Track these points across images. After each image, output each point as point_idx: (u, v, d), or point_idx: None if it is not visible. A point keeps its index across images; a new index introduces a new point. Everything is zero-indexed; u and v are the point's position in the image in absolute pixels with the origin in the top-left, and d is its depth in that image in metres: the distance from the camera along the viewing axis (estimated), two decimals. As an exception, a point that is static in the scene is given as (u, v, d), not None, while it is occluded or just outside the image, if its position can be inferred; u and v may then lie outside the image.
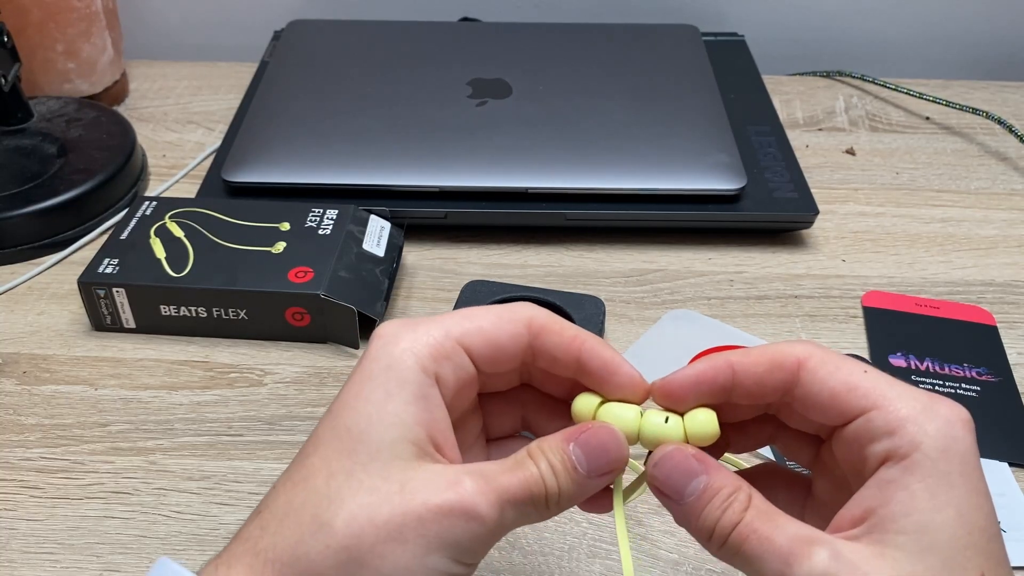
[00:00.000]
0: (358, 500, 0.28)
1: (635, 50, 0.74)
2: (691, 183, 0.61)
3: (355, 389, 0.30)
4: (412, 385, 0.30)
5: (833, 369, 0.30)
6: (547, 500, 0.30)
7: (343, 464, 0.29)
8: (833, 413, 0.30)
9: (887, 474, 0.28)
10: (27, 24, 0.71)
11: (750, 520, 0.29)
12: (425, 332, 0.31)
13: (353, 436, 0.29)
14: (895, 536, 0.27)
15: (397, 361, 0.30)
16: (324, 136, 0.64)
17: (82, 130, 0.68)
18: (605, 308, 0.54)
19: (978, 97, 0.79)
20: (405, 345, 0.30)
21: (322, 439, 0.30)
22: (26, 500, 0.46)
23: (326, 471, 0.29)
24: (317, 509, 0.28)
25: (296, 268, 0.54)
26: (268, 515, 0.29)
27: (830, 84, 0.81)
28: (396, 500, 0.28)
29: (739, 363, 0.31)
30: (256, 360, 0.54)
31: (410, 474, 0.28)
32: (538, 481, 0.29)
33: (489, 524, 0.28)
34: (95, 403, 0.51)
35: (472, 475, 0.29)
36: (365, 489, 0.28)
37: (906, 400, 0.29)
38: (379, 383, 0.30)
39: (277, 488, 0.30)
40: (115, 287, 0.54)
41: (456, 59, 0.72)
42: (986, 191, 0.68)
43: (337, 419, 0.30)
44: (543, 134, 0.64)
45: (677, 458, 0.30)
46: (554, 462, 0.30)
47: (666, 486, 0.30)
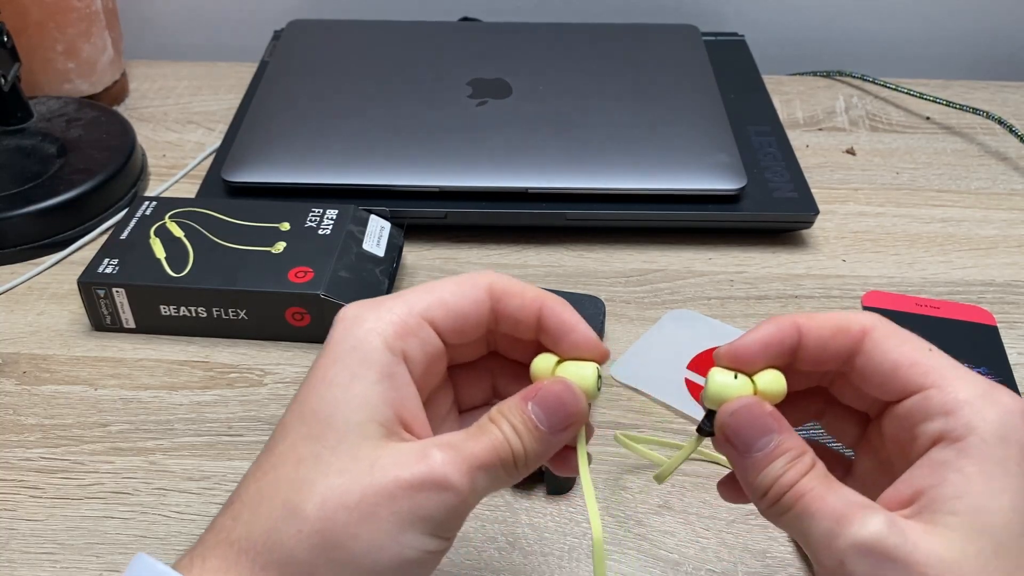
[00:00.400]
0: (328, 483, 0.28)
1: (635, 50, 0.74)
2: (691, 183, 0.61)
3: (320, 373, 0.30)
4: (378, 365, 0.29)
5: (899, 342, 0.30)
6: (515, 462, 0.30)
7: (311, 448, 0.29)
8: (892, 387, 0.30)
9: (940, 455, 0.28)
10: (27, 24, 0.71)
11: (808, 481, 0.28)
12: (388, 310, 0.31)
13: (320, 420, 0.29)
14: (947, 517, 0.27)
15: (362, 342, 0.30)
16: (324, 136, 0.64)
17: (82, 130, 0.68)
18: (605, 308, 0.54)
19: (978, 97, 0.79)
20: (369, 325, 0.30)
21: (289, 426, 0.30)
22: (26, 500, 0.46)
23: (295, 457, 0.29)
24: (288, 495, 0.28)
25: (296, 268, 0.54)
26: (239, 505, 0.29)
27: (830, 84, 0.81)
28: (366, 480, 0.28)
29: (805, 324, 0.31)
30: (256, 360, 0.54)
31: (379, 453, 0.28)
32: (503, 444, 0.29)
33: (462, 493, 0.28)
34: (95, 403, 0.51)
35: (440, 446, 0.29)
36: (334, 471, 0.28)
37: (967, 383, 0.29)
38: (344, 365, 0.30)
39: (247, 478, 0.30)
40: (115, 287, 0.54)
41: (456, 59, 0.72)
42: (986, 191, 0.68)
43: (304, 404, 0.30)
44: (543, 134, 0.64)
45: (756, 412, 0.30)
46: (515, 423, 0.30)
47: (737, 437, 0.30)
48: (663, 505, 0.46)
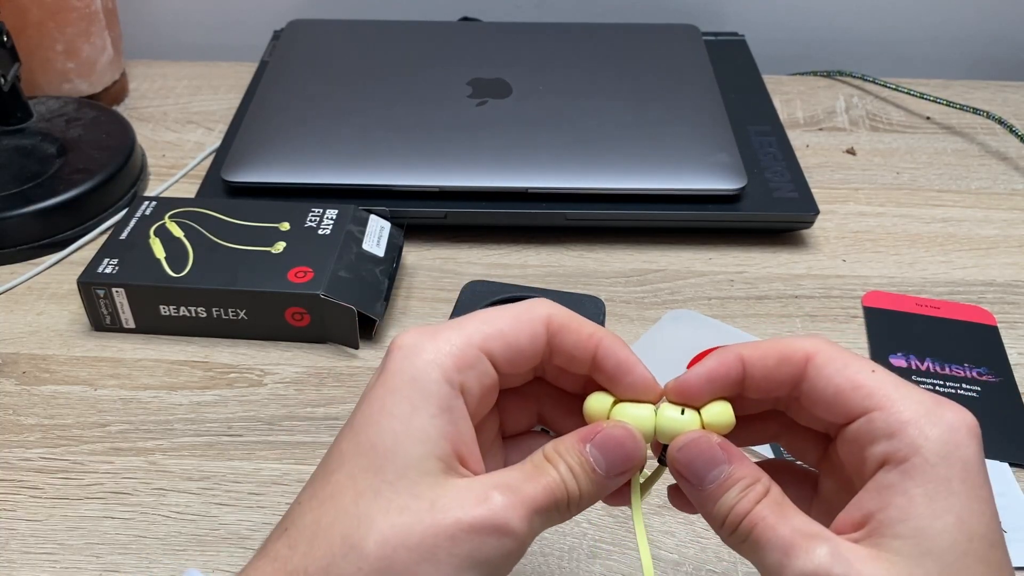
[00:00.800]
0: (389, 520, 0.27)
1: (635, 50, 0.74)
2: (691, 183, 0.61)
3: (378, 403, 0.29)
4: (437, 398, 0.29)
5: (841, 366, 0.30)
6: (568, 503, 0.29)
7: (370, 482, 0.28)
8: (836, 411, 0.30)
9: (885, 478, 0.28)
10: (27, 24, 0.71)
11: (760, 509, 0.29)
12: (447, 341, 0.30)
13: (379, 453, 0.28)
14: (892, 541, 0.27)
15: (421, 373, 0.29)
16: (324, 136, 0.64)
17: (81, 130, 0.68)
18: (605, 308, 0.54)
19: (979, 97, 0.79)
20: (428, 356, 0.30)
21: (346, 455, 0.29)
22: (25, 500, 0.46)
23: (353, 489, 0.28)
24: (347, 530, 0.28)
25: (296, 268, 0.54)
26: (296, 533, 0.29)
27: (830, 84, 0.81)
28: (427, 520, 0.27)
29: (749, 356, 0.31)
30: (256, 360, 0.54)
31: (439, 491, 0.28)
32: (559, 485, 0.29)
33: (520, 537, 0.28)
34: (94, 403, 0.51)
35: (500, 489, 0.28)
36: (395, 508, 0.28)
37: (910, 403, 0.28)
38: (403, 396, 0.29)
39: (302, 504, 0.29)
40: (115, 287, 0.54)
41: (456, 59, 0.72)
42: (987, 191, 0.68)
43: (361, 434, 0.29)
44: (543, 134, 0.64)
45: (702, 445, 0.30)
46: (572, 464, 0.30)
47: (688, 471, 0.30)
48: (663, 505, 0.46)
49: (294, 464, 0.48)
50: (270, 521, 0.45)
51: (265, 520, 0.45)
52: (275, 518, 0.45)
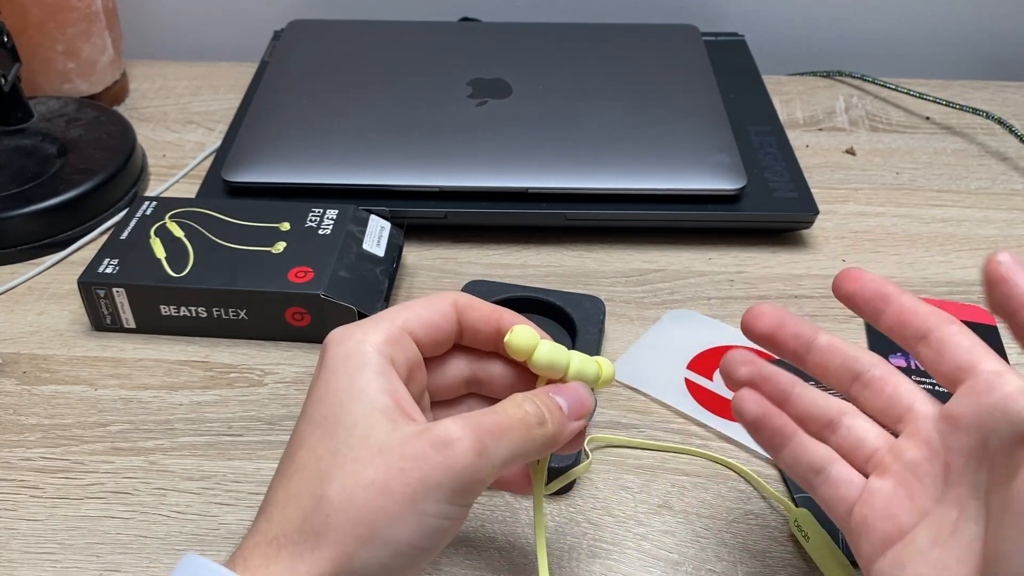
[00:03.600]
0: (346, 470, 0.30)
1: (635, 50, 0.74)
2: (691, 183, 0.61)
3: (322, 384, 0.33)
4: (371, 365, 0.33)
5: None
6: (533, 429, 0.33)
7: (327, 446, 0.31)
8: None
9: None
10: (27, 24, 0.71)
11: None
12: (372, 324, 0.34)
13: (330, 422, 0.32)
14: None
15: (354, 351, 0.33)
16: (324, 136, 0.64)
17: (82, 130, 0.68)
18: (605, 308, 0.54)
19: (978, 97, 0.79)
20: (359, 337, 0.33)
21: (304, 433, 0.32)
22: (26, 500, 0.46)
23: (314, 458, 0.31)
24: (312, 488, 0.31)
25: (296, 268, 0.54)
26: (271, 508, 0.31)
27: (830, 84, 0.81)
28: (378, 460, 0.30)
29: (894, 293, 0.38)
30: (256, 360, 0.54)
31: (388, 435, 0.31)
32: (523, 415, 0.33)
33: (468, 455, 0.31)
34: (95, 403, 0.51)
35: (451, 418, 0.32)
36: (350, 460, 0.31)
37: None
38: (342, 372, 0.33)
39: (273, 485, 0.32)
40: (115, 287, 0.54)
41: (456, 59, 0.72)
42: (986, 191, 0.68)
43: (314, 412, 0.32)
44: (543, 134, 0.64)
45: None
46: (539, 403, 0.34)
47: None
48: (663, 505, 0.46)
49: (294, 464, 0.48)
50: (270, 521, 0.45)
51: (265, 520, 0.45)
52: (275, 518, 0.45)
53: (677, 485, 0.47)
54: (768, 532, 0.45)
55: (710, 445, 0.49)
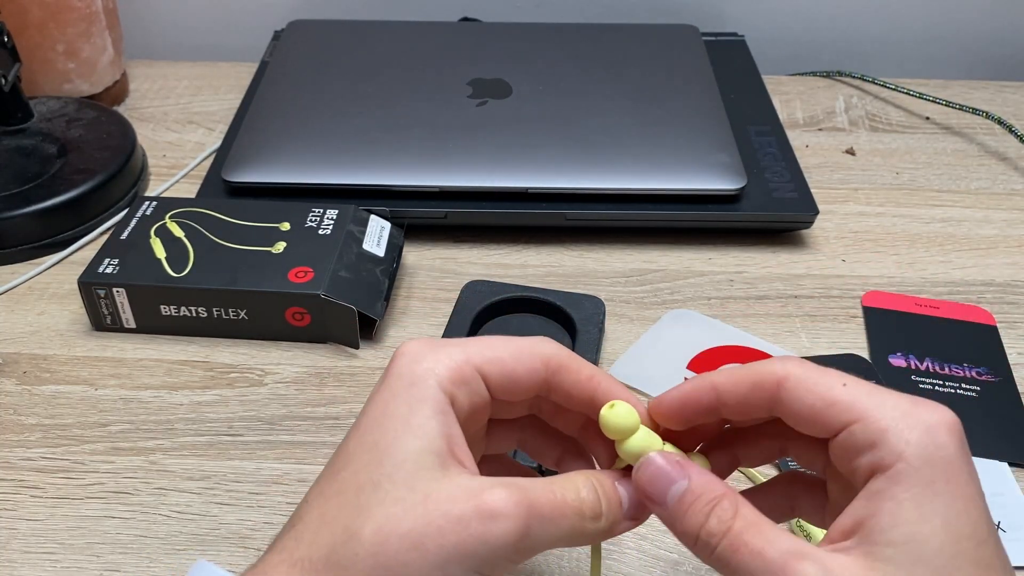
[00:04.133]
0: (385, 511, 0.29)
1: (635, 50, 0.74)
2: (691, 183, 0.61)
3: (381, 406, 0.31)
4: (432, 401, 0.31)
5: (811, 386, 0.30)
6: (586, 522, 0.30)
7: (371, 476, 0.30)
8: (817, 428, 0.30)
9: (874, 485, 0.28)
10: (27, 24, 0.71)
11: (739, 531, 0.29)
12: (447, 355, 0.32)
13: (380, 449, 0.30)
14: (883, 548, 0.27)
15: (419, 379, 0.31)
16: (324, 136, 0.64)
17: (82, 130, 0.68)
18: (605, 308, 0.54)
19: (978, 97, 0.79)
20: (427, 365, 0.32)
21: (352, 454, 0.31)
22: (26, 500, 0.46)
23: (356, 484, 0.30)
24: (348, 520, 0.29)
25: (296, 268, 0.54)
26: (302, 527, 0.30)
27: (830, 84, 0.81)
28: (419, 510, 0.29)
29: (722, 384, 0.32)
30: (256, 360, 0.54)
31: (434, 485, 0.29)
32: (579, 504, 0.30)
33: (510, 533, 0.29)
34: (95, 403, 0.51)
35: (504, 484, 0.29)
36: (391, 499, 0.29)
37: (886, 409, 0.29)
38: (402, 399, 0.31)
39: (310, 502, 0.31)
40: (115, 287, 0.54)
41: (456, 59, 0.72)
42: (986, 191, 0.68)
43: (365, 434, 0.31)
44: (543, 134, 0.64)
45: (658, 464, 0.31)
46: (601, 492, 0.31)
47: (648, 491, 0.31)
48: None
49: (295, 464, 0.48)
50: (271, 520, 0.45)
51: (266, 519, 0.45)
52: (276, 517, 0.45)
53: (677, 485, 0.47)
54: (768, 532, 0.45)
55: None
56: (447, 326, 0.53)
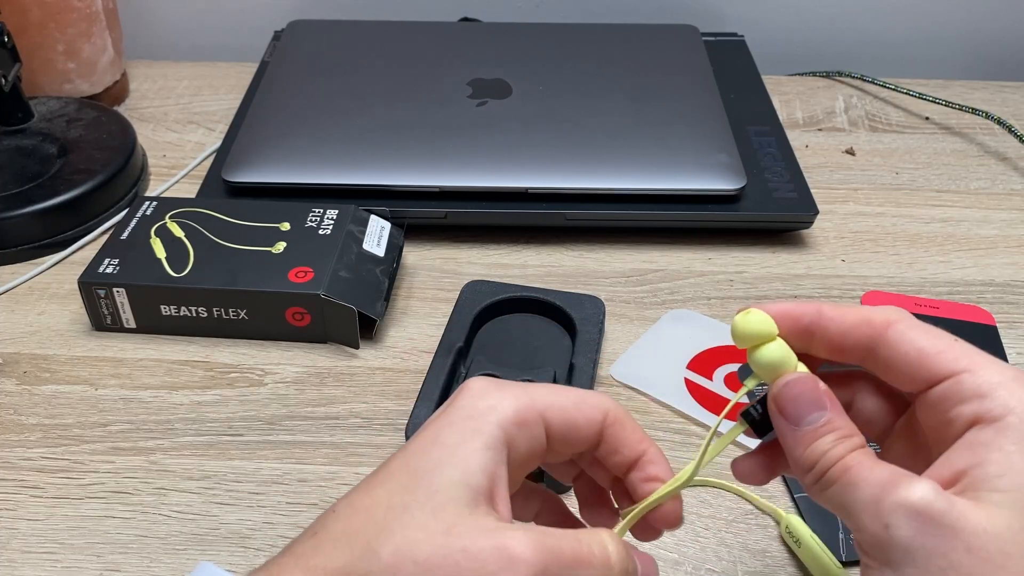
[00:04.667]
0: (406, 534, 0.29)
1: (635, 50, 0.74)
2: (691, 183, 0.61)
3: (433, 432, 0.31)
4: (486, 436, 0.31)
5: (924, 332, 0.31)
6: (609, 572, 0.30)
7: (402, 498, 0.30)
8: (919, 373, 0.30)
9: (979, 436, 0.28)
10: (27, 24, 0.71)
11: (855, 456, 0.29)
12: (513, 395, 0.32)
13: (419, 474, 0.30)
14: (991, 494, 0.27)
15: (479, 414, 0.31)
16: (324, 136, 0.64)
17: (82, 130, 0.68)
18: (605, 308, 0.54)
19: (978, 97, 0.79)
20: (491, 402, 0.31)
21: (391, 473, 0.31)
22: (26, 500, 0.46)
23: (387, 503, 0.30)
24: (370, 537, 0.29)
25: (296, 268, 0.54)
26: (324, 536, 0.30)
27: (830, 84, 0.81)
28: (439, 540, 0.28)
29: (828, 311, 0.32)
30: (256, 360, 0.54)
31: (460, 519, 0.29)
32: (605, 558, 0.30)
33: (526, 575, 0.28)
34: (95, 403, 0.51)
35: (526, 528, 0.29)
36: (415, 525, 0.29)
37: (997, 368, 0.30)
38: (457, 429, 0.31)
39: (338, 512, 0.31)
40: (115, 287, 0.54)
41: (456, 59, 0.72)
42: (986, 191, 0.68)
43: (410, 457, 0.31)
44: (543, 134, 0.64)
45: (809, 384, 0.31)
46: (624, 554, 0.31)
47: (789, 408, 0.31)
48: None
49: (295, 464, 0.48)
50: (271, 521, 0.45)
51: (266, 520, 0.45)
52: (276, 517, 0.45)
53: (677, 485, 0.47)
54: (767, 532, 0.45)
55: (710, 445, 0.49)
56: (447, 326, 0.53)
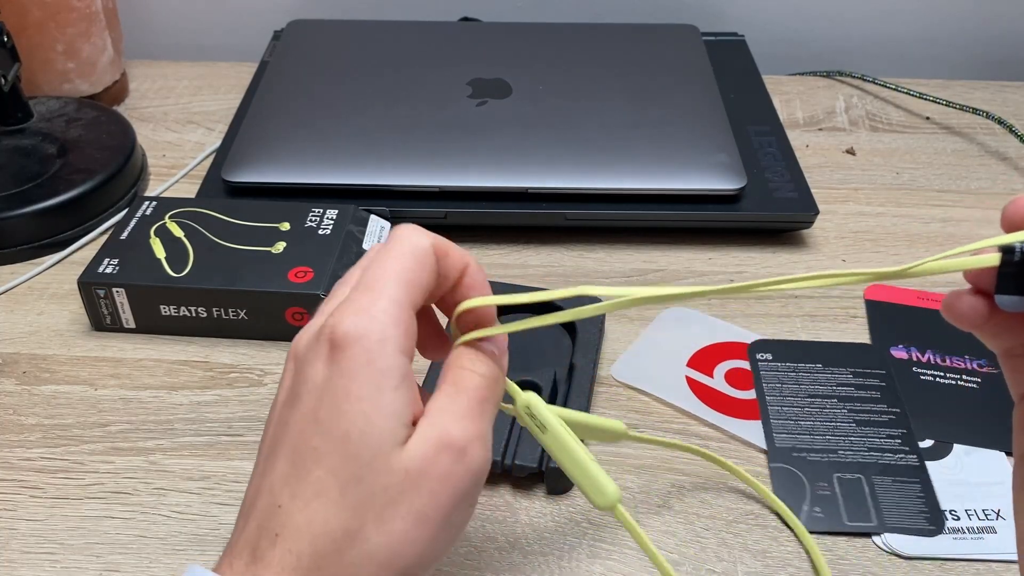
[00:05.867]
0: (377, 503, 0.29)
1: (635, 50, 0.74)
2: (691, 183, 0.61)
3: (341, 392, 0.30)
4: (395, 370, 0.30)
5: None
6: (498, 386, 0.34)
7: (352, 470, 0.29)
8: None
9: None
10: (27, 24, 0.71)
11: None
12: (386, 313, 0.31)
13: (353, 440, 0.29)
14: None
15: (376, 354, 0.30)
16: (324, 136, 0.64)
17: (82, 130, 0.68)
18: (605, 308, 0.54)
19: (978, 97, 0.79)
20: (378, 335, 0.30)
21: (322, 451, 0.30)
22: (26, 500, 0.46)
23: (337, 483, 0.29)
24: (344, 523, 0.29)
25: (296, 268, 0.54)
26: (292, 537, 0.30)
27: (830, 84, 0.81)
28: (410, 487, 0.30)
29: None
30: (256, 360, 0.54)
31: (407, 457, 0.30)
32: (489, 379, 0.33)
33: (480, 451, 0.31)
34: (95, 403, 0.51)
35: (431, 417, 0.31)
36: (380, 489, 0.29)
37: None
38: (365, 380, 0.30)
39: (285, 507, 0.30)
40: (115, 287, 0.54)
41: (456, 59, 0.72)
42: (987, 191, 0.68)
43: (332, 427, 0.30)
44: (543, 134, 0.64)
45: None
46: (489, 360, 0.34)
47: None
48: (663, 505, 0.46)
49: (294, 464, 0.48)
50: (270, 521, 0.45)
51: (265, 520, 0.45)
52: (275, 518, 0.45)
53: (677, 485, 0.47)
54: (768, 532, 0.45)
55: (710, 445, 0.49)
56: (447, 325, 0.53)
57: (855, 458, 0.47)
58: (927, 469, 0.47)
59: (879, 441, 0.48)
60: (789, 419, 0.50)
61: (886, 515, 0.45)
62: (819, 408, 0.50)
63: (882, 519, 0.45)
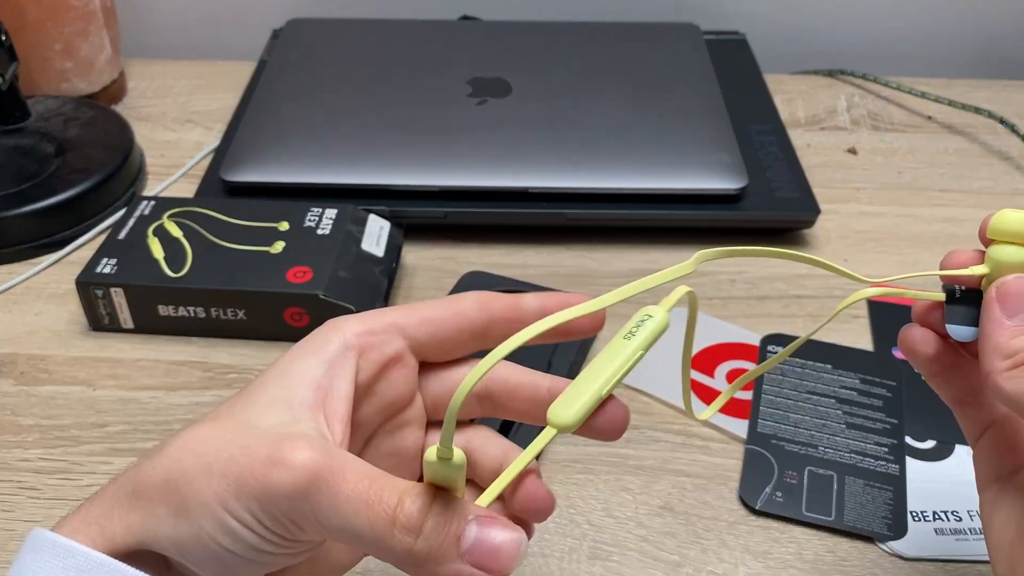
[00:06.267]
0: (196, 432, 0.29)
1: (636, 49, 0.74)
2: (692, 183, 0.61)
3: (280, 361, 0.31)
4: (322, 353, 0.30)
5: None
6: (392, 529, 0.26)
7: (228, 411, 0.29)
8: None
9: None
10: (25, 23, 0.71)
11: None
12: (362, 316, 0.32)
13: (247, 392, 0.30)
14: None
15: (319, 335, 0.31)
16: (323, 136, 0.64)
17: (80, 129, 0.68)
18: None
19: (981, 96, 0.79)
20: (333, 323, 0.32)
21: (232, 398, 0.31)
22: (24, 501, 0.46)
23: (211, 416, 0.30)
24: (167, 440, 0.29)
25: (295, 268, 0.54)
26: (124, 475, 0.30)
27: (832, 83, 0.81)
28: (227, 437, 0.28)
29: None
30: (255, 360, 0.54)
31: (258, 421, 0.28)
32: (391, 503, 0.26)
33: (288, 483, 0.26)
34: (93, 404, 0.51)
35: (318, 441, 0.27)
36: (208, 422, 0.29)
37: None
38: (298, 348, 0.31)
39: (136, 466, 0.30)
40: (113, 287, 0.54)
41: (456, 58, 0.72)
42: (989, 191, 0.68)
43: (254, 381, 0.31)
44: (543, 134, 0.64)
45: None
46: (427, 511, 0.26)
47: (1011, 299, 0.32)
48: (664, 506, 0.46)
49: (293, 465, 0.48)
50: (269, 522, 0.45)
51: (264, 521, 0.45)
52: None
53: (678, 486, 0.47)
54: (769, 533, 0.44)
55: (711, 446, 0.49)
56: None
57: (834, 456, 0.47)
58: (905, 483, 0.46)
59: (865, 446, 0.48)
60: (778, 409, 0.50)
61: (847, 513, 0.45)
62: (813, 405, 0.50)
63: (841, 516, 0.45)
